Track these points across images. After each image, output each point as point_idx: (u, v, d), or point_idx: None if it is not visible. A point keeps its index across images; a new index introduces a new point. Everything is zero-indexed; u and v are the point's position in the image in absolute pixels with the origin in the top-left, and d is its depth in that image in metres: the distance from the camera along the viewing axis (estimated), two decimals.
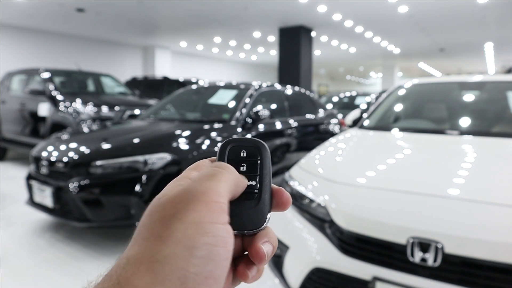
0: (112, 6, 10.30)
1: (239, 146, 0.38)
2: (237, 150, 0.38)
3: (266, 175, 0.38)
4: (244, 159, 0.38)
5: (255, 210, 0.36)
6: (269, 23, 12.38)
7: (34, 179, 3.46)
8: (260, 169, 0.38)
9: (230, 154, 0.38)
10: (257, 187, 0.37)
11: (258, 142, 0.38)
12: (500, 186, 1.80)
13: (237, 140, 0.39)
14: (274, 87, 4.95)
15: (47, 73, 6.49)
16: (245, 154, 0.38)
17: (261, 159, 0.38)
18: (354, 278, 1.73)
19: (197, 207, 0.30)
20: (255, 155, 0.38)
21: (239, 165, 0.37)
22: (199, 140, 3.53)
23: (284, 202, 0.38)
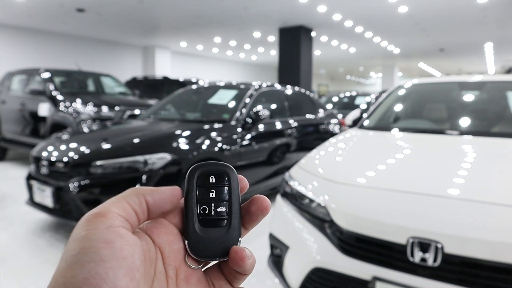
0: (112, 6, 10.31)
1: (208, 172, 0.38)
2: (206, 177, 0.38)
3: (235, 200, 0.38)
4: (213, 185, 0.37)
5: (226, 236, 0.37)
6: (269, 23, 12.39)
7: (34, 179, 3.46)
8: (229, 195, 0.37)
9: (198, 181, 0.38)
10: (226, 213, 0.37)
11: (226, 167, 0.38)
12: (500, 186, 1.80)
13: (205, 165, 0.38)
14: (274, 87, 4.95)
15: (47, 73, 6.49)
16: (214, 180, 0.38)
17: (230, 185, 0.38)
18: (354, 278, 1.73)
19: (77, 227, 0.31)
20: (224, 180, 0.38)
21: (208, 191, 0.37)
22: (199, 140, 3.53)
23: (265, 206, 0.38)
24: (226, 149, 3.72)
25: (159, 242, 0.35)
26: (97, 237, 0.30)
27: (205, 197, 0.37)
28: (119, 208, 0.33)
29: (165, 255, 0.35)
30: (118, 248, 0.30)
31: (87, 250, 0.29)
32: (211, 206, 0.37)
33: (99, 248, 0.29)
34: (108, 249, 0.30)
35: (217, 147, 3.63)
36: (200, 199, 0.37)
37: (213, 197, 0.37)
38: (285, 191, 2.30)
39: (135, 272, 0.31)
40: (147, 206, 0.34)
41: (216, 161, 0.39)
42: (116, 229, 0.31)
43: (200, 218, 0.37)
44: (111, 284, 0.29)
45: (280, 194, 2.35)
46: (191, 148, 3.41)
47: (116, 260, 0.30)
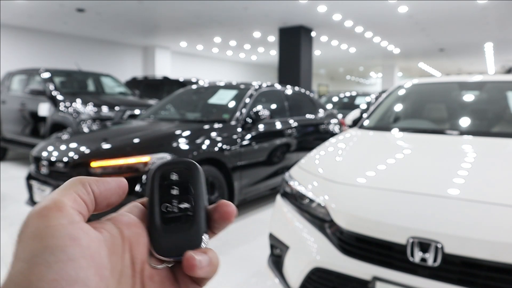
0: (112, 6, 10.31)
1: (170, 169, 0.37)
2: (167, 174, 0.37)
3: (199, 196, 0.36)
4: (175, 182, 0.36)
5: (189, 233, 0.35)
6: (269, 23, 12.39)
7: (34, 179, 3.46)
8: (193, 191, 0.36)
9: (161, 179, 0.37)
10: (191, 210, 0.36)
11: (189, 163, 0.37)
12: (500, 186, 1.80)
13: (167, 163, 0.37)
14: (274, 87, 4.95)
15: (47, 73, 6.49)
16: (176, 177, 0.37)
17: (193, 181, 0.37)
18: (354, 278, 1.73)
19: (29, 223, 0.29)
20: (186, 176, 0.37)
21: (170, 189, 0.36)
22: (199, 140, 3.53)
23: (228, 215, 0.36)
24: (226, 149, 3.72)
25: (128, 234, 0.33)
26: (62, 233, 0.28)
27: (167, 194, 0.36)
28: (71, 200, 0.30)
29: (133, 248, 0.33)
30: (85, 246, 0.28)
31: (53, 249, 0.27)
32: (173, 203, 0.36)
33: (66, 246, 0.27)
34: (76, 247, 0.28)
35: (217, 147, 3.63)
36: (162, 197, 0.36)
37: (175, 194, 0.36)
38: (285, 191, 2.30)
39: (104, 270, 0.29)
40: (94, 197, 0.32)
41: (180, 158, 0.38)
42: (79, 225, 0.29)
43: (162, 216, 0.35)
44: (82, 285, 0.27)
45: (280, 194, 2.35)
46: (191, 148, 3.41)
47: (85, 259, 0.28)
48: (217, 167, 3.65)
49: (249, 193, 4.06)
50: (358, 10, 10.57)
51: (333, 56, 19.75)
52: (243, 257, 3.11)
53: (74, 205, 0.30)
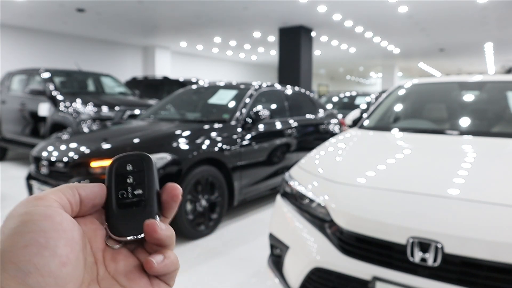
0: (112, 6, 10.31)
1: (125, 161, 0.41)
2: (123, 165, 0.41)
3: (151, 182, 0.40)
4: (130, 172, 0.40)
5: (143, 215, 0.39)
6: (269, 23, 12.39)
7: (34, 179, 3.46)
8: (146, 178, 0.40)
9: (116, 169, 0.40)
10: (144, 195, 0.39)
11: (141, 154, 0.41)
12: (500, 186, 1.80)
13: (123, 156, 0.41)
14: (274, 87, 4.95)
15: (47, 73, 6.49)
16: (131, 167, 0.40)
17: (146, 169, 0.40)
18: (354, 278, 1.73)
19: (15, 208, 0.32)
20: (140, 166, 0.40)
21: (126, 177, 0.40)
22: (199, 140, 3.53)
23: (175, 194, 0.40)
24: (226, 149, 3.72)
25: (85, 230, 0.36)
26: (37, 212, 0.31)
27: (122, 183, 0.40)
28: (56, 196, 0.34)
29: (91, 241, 0.36)
30: (58, 222, 0.32)
31: (27, 222, 0.30)
32: (128, 190, 0.39)
33: (39, 220, 0.31)
34: (48, 222, 0.31)
35: (217, 147, 3.63)
36: (118, 185, 0.40)
37: (130, 182, 0.40)
38: (285, 191, 2.30)
39: (75, 244, 0.32)
40: (80, 199, 0.36)
41: (134, 151, 0.42)
42: (55, 208, 0.33)
43: (118, 202, 0.39)
44: (52, 251, 0.30)
45: (280, 194, 2.35)
46: (191, 148, 3.41)
47: (56, 232, 0.31)
48: (217, 167, 3.65)
49: (249, 193, 4.06)
50: (358, 10, 10.57)
51: (333, 56, 19.75)
52: (243, 257, 3.11)
53: (57, 199, 0.34)
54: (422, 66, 24.70)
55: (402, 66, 24.49)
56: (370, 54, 18.87)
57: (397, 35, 13.96)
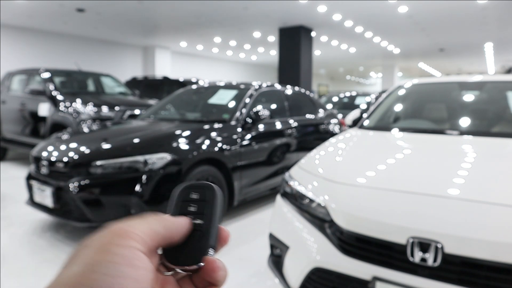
0: (112, 6, 10.31)
1: (191, 189, 0.42)
2: (188, 192, 0.42)
3: (212, 214, 0.40)
4: (193, 200, 0.41)
5: (199, 246, 0.39)
6: (269, 23, 12.39)
7: (34, 179, 3.46)
8: (208, 210, 0.40)
9: (180, 195, 0.41)
10: (203, 226, 0.40)
11: (208, 185, 0.42)
12: (500, 186, 1.80)
13: (188, 184, 0.42)
14: (274, 87, 4.95)
15: (47, 73, 6.49)
16: (195, 196, 0.41)
17: (209, 200, 0.41)
18: (354, 278, 1.73)
19: (104, 234, 0.33)
20: (204, 196, 0.41)
21: (188, 205, 0.41)
22: (199, 140, 3.53)
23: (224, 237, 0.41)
24: (226, 149, 3.72)
25: None
26: (120, 252, 0.31)
27: (184, 209, 0.40)
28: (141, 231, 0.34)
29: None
30: (136, 268, 0.31)
31: (108, 263, 0.30)
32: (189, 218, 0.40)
33: (119, 264, 0.31)
34: (127, 267, 0.31)
35: (217, 147, 3.63)
36: (180, 211, 0.40)
37: (191, 210, 0.40)
38: (285, 191, 2.30)
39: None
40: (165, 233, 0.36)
41: (202, 182, 0.43)
42: (136, 252, 0.32)
43: None
44: None
45: (280, 194, 2.35)
46: (191, 148, 3.41)
47: (132, 280, 0.31)
48: (217, 167, 3.65)
49: (249, 193, 4.06)
50: (358, 10, 10.56)
51: (333, 56, 19.74)
52: (243, 257, 3.11)
53: (142, 235, 0.34)
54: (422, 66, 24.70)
55: (402, 66, 24.49)
56: (370, 54, 18.87)
57: (397, 35, 13.96)
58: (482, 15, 10.60)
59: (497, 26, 12.03)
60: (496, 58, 19.61)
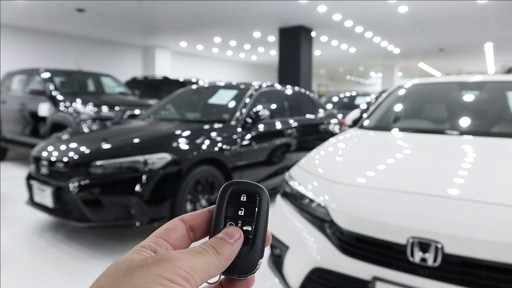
0: (112, 6, 10.31)
1: (240, 190, 0.39)
2: (238, 194, 0.39)
3: (262, 221, 0.38)
4: (243, 204, 0.39)
5: (247, 256, 0.37)
6: (269, 23, 12.38)
7: (34, 179, 3.46)
8: (257, 216, 0.38)
9: (230, 197, 0.39)
10: (251, 233, 0.38)
11: (258, 188, 0.39)
12: (500, 186, 1.80)
13: (238, 183, 0.40)
14: (274, 87, 4.95)
15: (47, 73, 6.49)
16: (245, 199, 0.39)
17: (259, 206, 0.39)
18: (354, 278, 1.73)
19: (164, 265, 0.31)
20: (254, 201, 0.39)
21: (237, 208, 0.39)
22: (199, 140, 3.53)
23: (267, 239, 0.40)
24: (226, 149, 3.72)
25: None
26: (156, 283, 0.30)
27: (233, 213, 0.38)
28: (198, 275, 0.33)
29: None
30: None
31: None
32: (238, 223, 0.38)
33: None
34: None
35: (217, 147, 3.63)
36: (229, 215, 0.38)
37: (241, 214, 0.38)
38: (285, 191, 2.30)
39: None
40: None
41: (250, 181, 0.40)
42: None
43: None
44: None
45: (280, 194, 2.35)
46: (191, 148, 3.41)
47: None
48: (217, 167, 3.65)
49: None
50: (358, 10, 10.56)
51: (333, 56, 19.74)
52: None
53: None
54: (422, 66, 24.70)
55: (402, 66, 24.49)
56: (370, 54, 18.87)
57: (397, 35, 13.96)
58: (482, 15, 10.60)
59: (497, 26, 12.03)
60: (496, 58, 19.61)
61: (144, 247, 0.35)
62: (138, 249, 0.34)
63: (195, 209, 3.41)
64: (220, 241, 0.36)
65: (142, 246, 0.35)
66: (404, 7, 10.09)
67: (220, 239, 0.37)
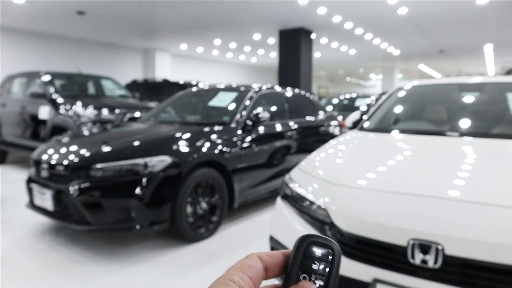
0: (113, 9, 10.33)
1: (316, 244, 0.41)
2: (314, 248, 0.41)
3: (333, 277, 0.40)
4: (318, 258, 0.40)
5: None
6: (269, 25, 12.40)
7: (34, 182, 3.46)
8: (329, 271, 0.40)
9: (306, 250, 0.40)
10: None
11: (334, 245, 0.41)
12: (501, 187, 1.80)
13: (315, 237, 0.41)
14: (274, 89, 4.96)
15: (48, 76, 6.50)
16: (320, 254, 0.40)
17: (333, 262, 0.40)
18: (354, 280, 1.72)
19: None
20: (328, 256, 0.40)
21: (312, 262, 0.40)
22: (199, 142, 3.53)
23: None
24: (226, 151, 3.72)
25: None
26: None
27: (308, 266, 0.40)
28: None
29: None
30: None
31: None
32: (311, 276, 0.39)
33: None
34: None
35: (217, 150, 3.63)
36: (303, 267, 0.40)
37: (315, 268, 0.40)
38: (285, 193, 2.30)
39: None
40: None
41: (326, 237, 0.41)
42: None
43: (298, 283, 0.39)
44: None
45: (281, 196, 2.35)
46: (191, 151, 3.41)
47: None
48: (217, 170, 3.65)
49: (249, 195, 4.06)
50: (358, 12, 10.58)
51: (333, 58, 19.76)
52: None
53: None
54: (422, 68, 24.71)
55: (402, 68, 24.50)
56: (370, 56, 18.89)
57: (397, 36, 13.98)
58: (482, 16, 10.61)
59: (497, 27, 12.04)
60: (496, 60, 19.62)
61: (233, 281, 0.37)
62: (227, 283, 0.37)
63: (196, 212, 3.41)
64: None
65: (231, 280, 0.38)
66: (404, 9, 10.10)
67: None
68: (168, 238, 3.50)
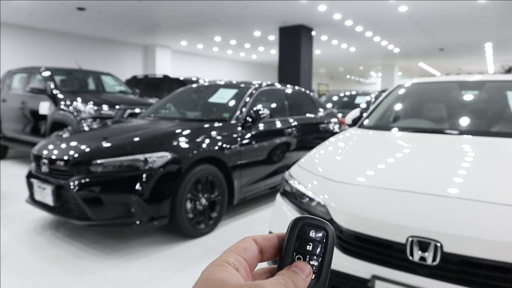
0: (113, 5, 10.31)
1: (310, 225, 0.41)
2: (307, 230, 0.41)
3: (327, 258, 0.41)
4: (311, 239, 0.41)
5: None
6: (269, 22, 12.39)
7: (34, 177, 3.47)
8: (324, 252, 0.40)
9: (300, 231, 0.41)
10: (317, 268, 0.40)
11: (327, 226, 0.41)
12: (499, 185, 1.81)
13: (308, 219, 0.42)
14: (274, 86, 4.96)
15: (48, 71, 6.49)
16: (313, 235, 0.41)
17: (326, 242, 0.41)
18: (353, 276, 1.73)
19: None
20: (322, 237, 0.41)
21: (306, 243, 0.41)
22: (199, 138, 3.54)
23: None
24: (226, 148, 3.73)
25: None
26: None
27: (302, 247, 0.40)
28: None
29: None
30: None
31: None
32: (306, 257, 0.40)
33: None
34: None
35: (217, 146, 3.64)
36: (297, 248, 0.40)
37: (309, 249, 0.40)
38: (285, 190, 2.31)
39: None
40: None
41: (319, 218, 0.42)
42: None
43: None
44: None
45: (280, 193, 2.36)
46: (191, 147, 3.42)
47: None
48: (217, 166, 3.66)
49: (249, 191, 4.07)
50: (358, 10, 10.57)
51: (333, 55, 19.75)
52: None
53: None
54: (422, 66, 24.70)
55: (402, 66, 24.49)
56: (370, 53, 18.88)
57: (397, 34, 13.97)
58: (482, 15, 10.60)
59: (497, 26, 12.03)
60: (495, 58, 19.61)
61: (228, 263, 0.38)
62: (222, 264, 0.38)
63: (195, 208, 3.42)
64: (295, 275, 0.39)
65: (226, 262, 0.38)
66: (404, 7, 10.09)
67: (295, 273, 0.39)
68: (168, 233, 3.51)
